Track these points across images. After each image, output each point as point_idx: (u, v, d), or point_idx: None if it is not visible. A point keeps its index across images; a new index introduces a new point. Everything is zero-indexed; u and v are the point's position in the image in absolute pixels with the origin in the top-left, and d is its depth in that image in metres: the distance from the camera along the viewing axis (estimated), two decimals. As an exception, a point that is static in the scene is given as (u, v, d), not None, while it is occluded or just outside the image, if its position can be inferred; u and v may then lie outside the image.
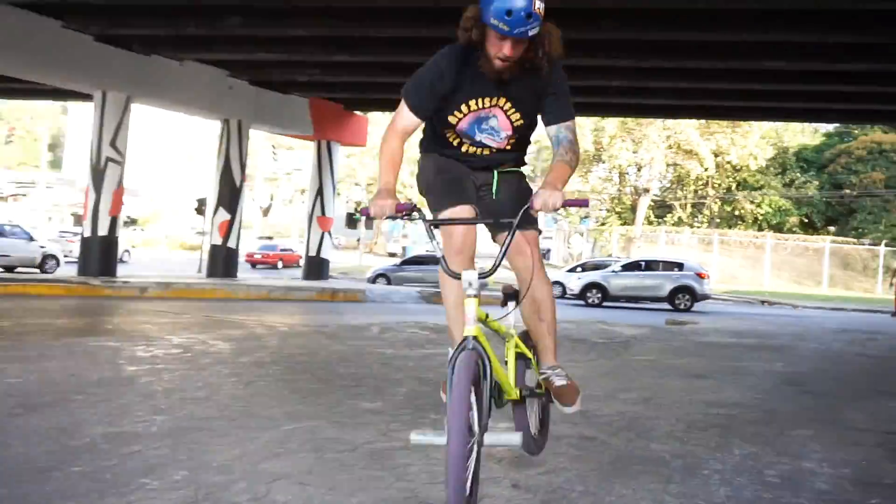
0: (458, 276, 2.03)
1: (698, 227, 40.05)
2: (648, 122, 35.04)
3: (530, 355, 2.55)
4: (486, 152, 2.39)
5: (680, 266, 19.41)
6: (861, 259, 36.87)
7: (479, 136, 2.35)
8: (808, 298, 26.94)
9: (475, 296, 2.00)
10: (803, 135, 46.12)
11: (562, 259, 41.30)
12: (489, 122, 2.31)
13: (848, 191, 39.12)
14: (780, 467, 3.30)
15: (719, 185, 40.72)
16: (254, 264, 29.81)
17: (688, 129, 35.52)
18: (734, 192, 40.58)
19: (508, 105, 2.28)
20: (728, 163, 37.61)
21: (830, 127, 46.08)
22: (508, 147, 2.40)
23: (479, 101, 2.26)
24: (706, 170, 36.84)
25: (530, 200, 2.09)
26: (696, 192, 41.43)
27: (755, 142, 36.76)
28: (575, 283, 19.68)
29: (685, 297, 18.53)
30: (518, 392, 2.43)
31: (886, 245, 36.08)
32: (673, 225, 40.72)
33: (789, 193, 39.88)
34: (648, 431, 3.84)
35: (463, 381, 1.87)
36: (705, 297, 18.92)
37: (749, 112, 16.46)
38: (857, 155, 39.64)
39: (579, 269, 22.58)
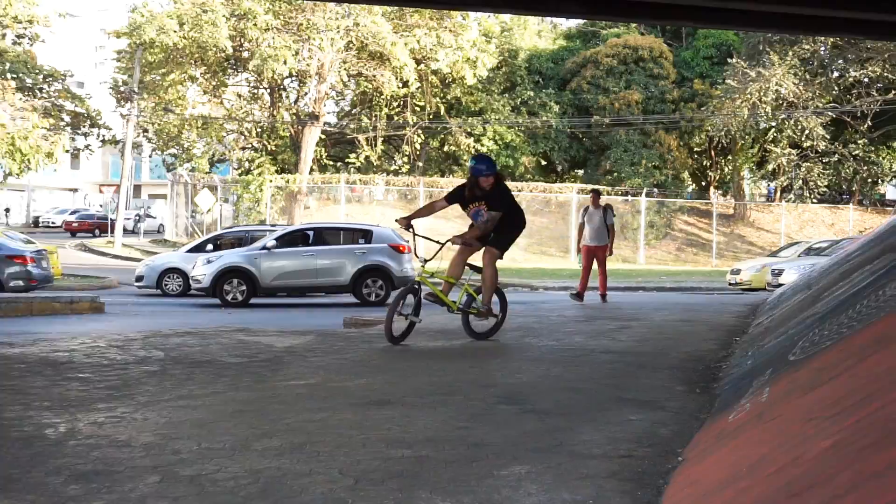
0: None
1: (396, 174, 42.50)
2: (314, 5, 35.52)
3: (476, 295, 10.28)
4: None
5: (367, 235, 20.38)
6: (619, 214, 42.72)
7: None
8: (553, 275, 30.29)
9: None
10: (539, 36, 51.21)
11: (183, 231, 40.88)
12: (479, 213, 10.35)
13: (598, 118, 44.46)
14: (480, 524, 3.70)
15: (423, 108, 43.23)
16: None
17: (375, 19, 36.36)
18: (445, 119, 43.59)
19: (484, 205, 10.25)
20: (434, 73, 39.90)
21: (571, 23, 51.81)
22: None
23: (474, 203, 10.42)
24: (405, 84, 38.64)
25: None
26: (390, 118, 43.59)
27: (474, 41, 39.22)
28: (203, 269, 19.49)
29: (376, 282, 19.60)
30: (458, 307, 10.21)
31: (648, 195, 41.99)
32: (357, 171, 42.67)
33: (521, 121, 44.08)
34: (296, 496, 4.06)
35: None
36: (407, 280, 20.10)
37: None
38: (606, 65, 45.19)
39: (210, 246, 22.58)
